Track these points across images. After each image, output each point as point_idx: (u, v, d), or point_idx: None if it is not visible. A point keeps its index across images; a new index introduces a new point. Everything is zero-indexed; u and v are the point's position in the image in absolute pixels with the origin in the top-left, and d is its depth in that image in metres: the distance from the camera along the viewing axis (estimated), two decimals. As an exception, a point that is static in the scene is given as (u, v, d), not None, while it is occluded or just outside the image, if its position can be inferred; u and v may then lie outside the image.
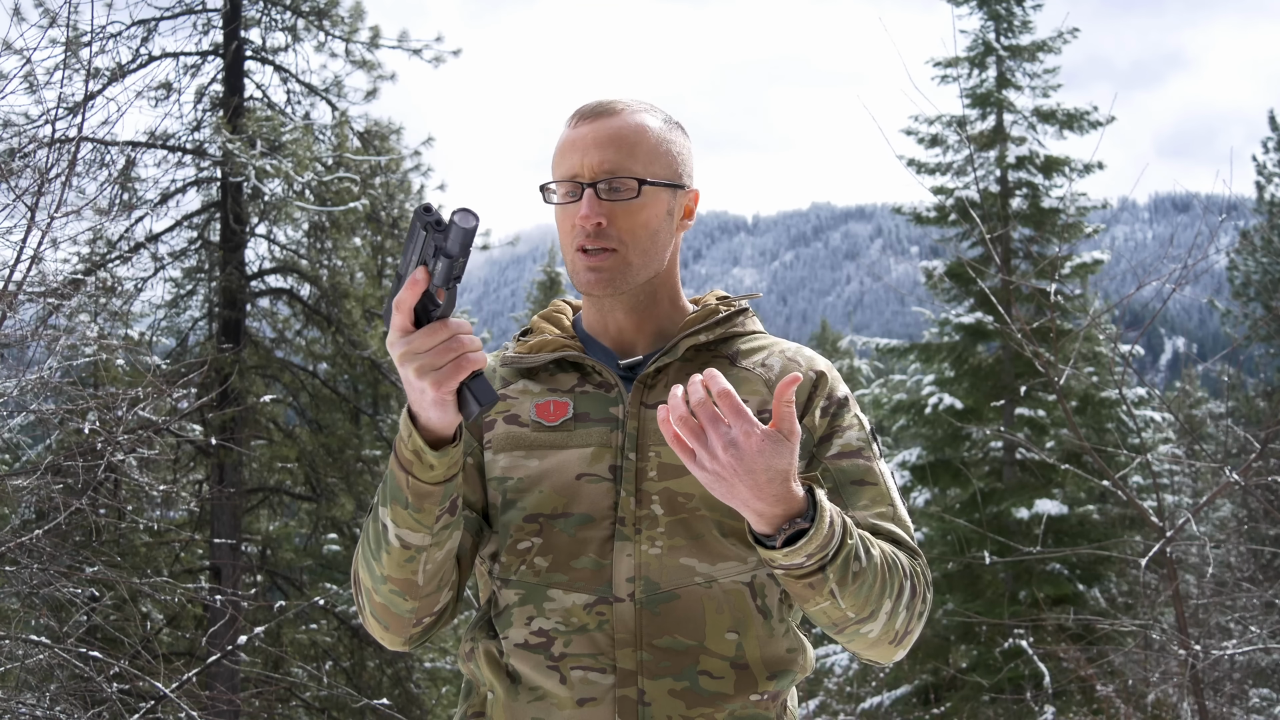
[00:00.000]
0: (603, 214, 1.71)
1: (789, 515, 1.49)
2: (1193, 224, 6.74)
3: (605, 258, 1.73)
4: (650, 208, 1.75)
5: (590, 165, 1.72)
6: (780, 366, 1.79)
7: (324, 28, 11.06)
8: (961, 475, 13.11)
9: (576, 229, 1.73)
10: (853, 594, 1.56)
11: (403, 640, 1.71)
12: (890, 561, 1.62)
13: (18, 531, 5.39)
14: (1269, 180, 17.63)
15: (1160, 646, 7.48)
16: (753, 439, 1.43)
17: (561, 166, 1.76)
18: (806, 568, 1.52)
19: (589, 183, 1.72)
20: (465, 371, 1.47)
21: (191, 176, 10.68)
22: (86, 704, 5.33)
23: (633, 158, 1.74)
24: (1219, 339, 34.88)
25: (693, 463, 1.47)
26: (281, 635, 10.01)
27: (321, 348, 11.33)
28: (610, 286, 1.74)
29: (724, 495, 1.48)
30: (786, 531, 1.50)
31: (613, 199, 1.72)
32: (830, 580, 1.53)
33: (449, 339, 1.46)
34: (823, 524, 1.50)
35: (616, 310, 1.80)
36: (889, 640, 1.65)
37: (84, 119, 5.61)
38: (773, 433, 1.45)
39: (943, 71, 14.21)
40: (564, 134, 1.78)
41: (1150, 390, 12.71)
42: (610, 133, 1.74)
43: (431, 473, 1.55)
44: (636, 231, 1.74)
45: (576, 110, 1.79)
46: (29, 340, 5.60)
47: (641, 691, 1.63)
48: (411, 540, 1.60)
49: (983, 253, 13.57)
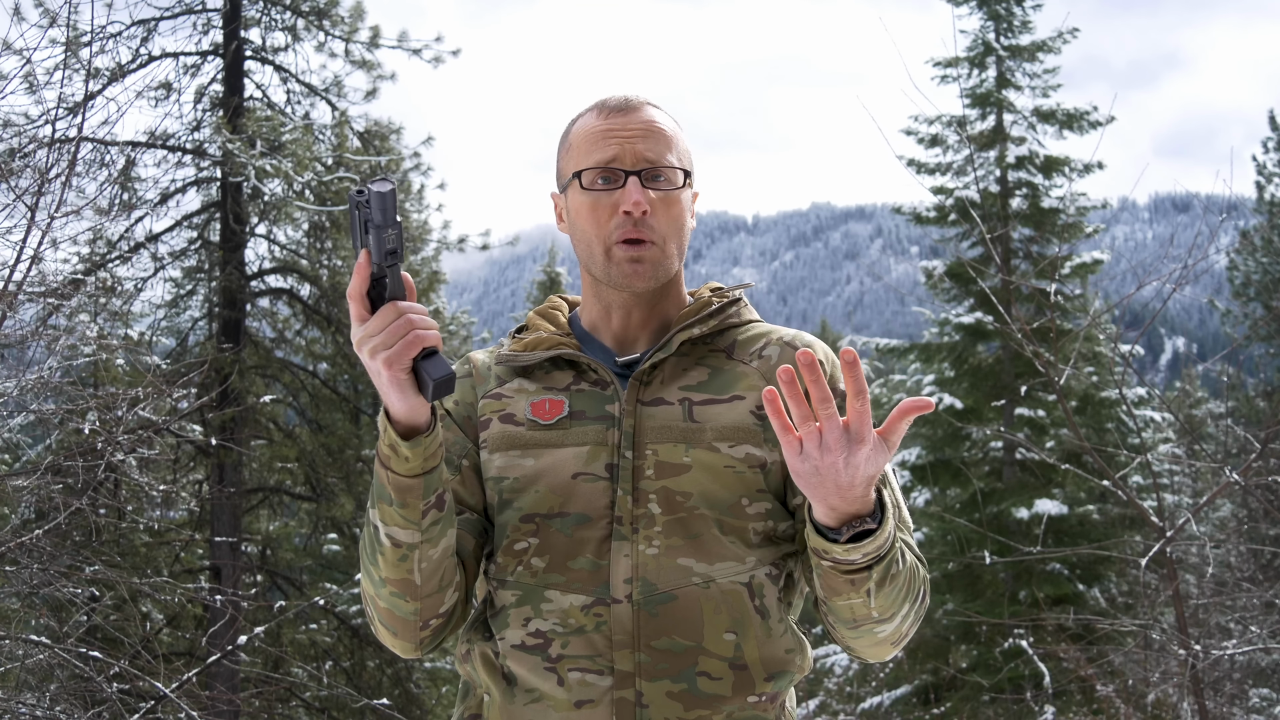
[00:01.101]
0: (649, 202, 1.71)
1: (859, 515, 1.50)
2: (1193, 224, 6.74)
3: (646, 250, 1.72)
4: (683, 200, 1.76)
5: (634, 153, 1.71)
6: (778, 355, 1.78)
7: (324, 28, 11.06)
8: (961, 475, 13.10)
9: (618, 218, 1.71)
10: (885, 595, 1.57)
11: (414, 646, 1.70)
12: (915, 566, 1.64)
13: (18, 531, 5.39)
14: (1269, 180, 17.62)
15: (1160, 646, 7.48)
16: (864, 445, 1.43)
17: (595, 154, 1.73)
18: (858, 565, 1.53)
19: (633, 170, 1.71)
20: (415, 349, 1.47)
21: (191, 176, 10.69)
22: (86, 704, 5.33)
23: (671, 150, 1.75)
24: (1219, 339, 34.88)
25: (796, 454, 1.45)
26: (281, 635, 10.01)
27: (321, 348, 11.34)
28: (651, 279, 1.73)
29: (809, 488, 1.47)
30: (854, 529, 1.50)
31: (657, 188, 1.72)
32: (872, 579, 1.54)
33: (397, 319, 1.46)
34: (886, 527, 1.51)
35: (630, 302, 1.78)
36: (892, 641, 1.67)
37: (84, 119, 5.61)
38: (880, 439, 1.44)
39: (943, 71, 14.21)
40: (590, 124, 1.76)
41: (1150, 390, 12.71)
42: (646, 124, 1.74)
43: (408, 464, 1.55)
44: (674, 223, 1.74)
45: (600, 102, 1.78)
46: (29, 340, 5.60)
47: (639, 693, 1.62)
48: (402, 538, 1.59)
49: (983, 253, 13.57)
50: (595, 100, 1.81)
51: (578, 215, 1.76)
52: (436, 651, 2.21)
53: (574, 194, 1.76)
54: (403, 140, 11.40)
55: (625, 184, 1.71)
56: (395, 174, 11.38)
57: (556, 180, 1.85)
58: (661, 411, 1.71)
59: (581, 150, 1.75)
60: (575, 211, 1.76)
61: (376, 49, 11.19)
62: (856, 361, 1.40)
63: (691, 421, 1.70)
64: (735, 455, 1.68)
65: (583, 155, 1.75)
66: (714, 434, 1.69)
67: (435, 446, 1.57)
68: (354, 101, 11.16)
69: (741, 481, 1.68)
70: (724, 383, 1.75)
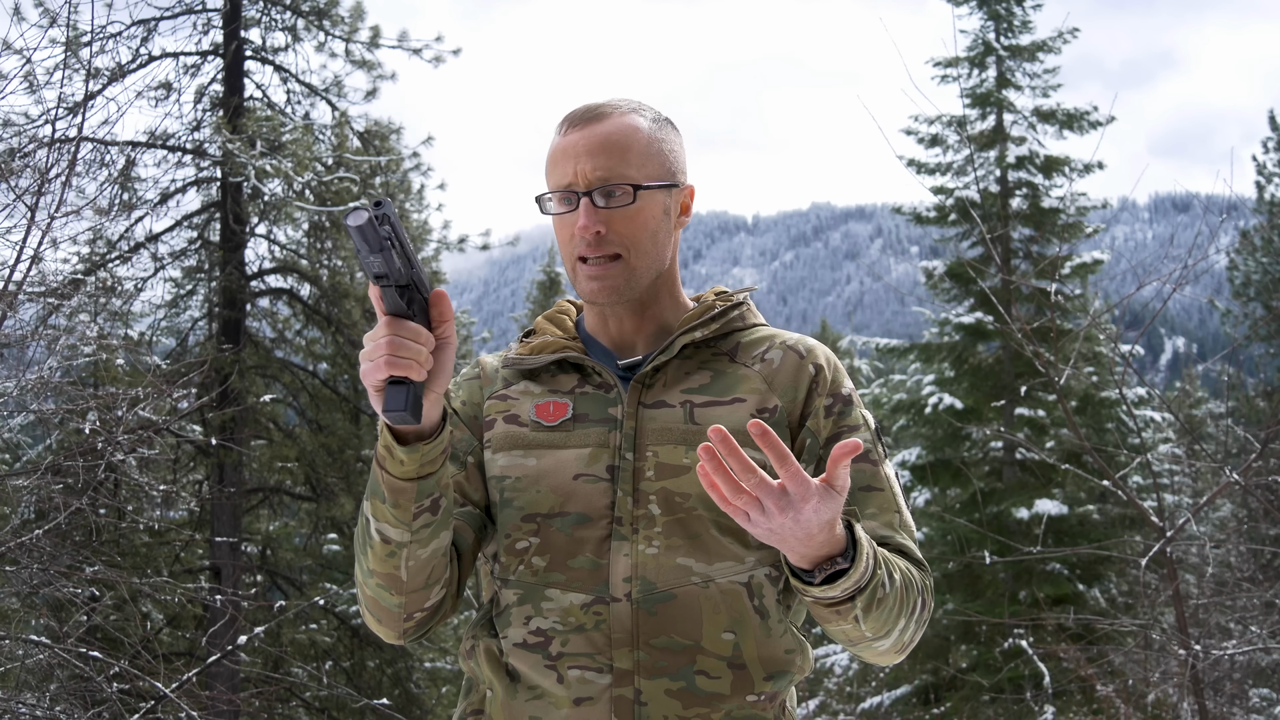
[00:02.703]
0: (601, 222, 1.71)
1: (830, 555, 1.50)
2: (1193, 224, 6.74)
3: (608, 266, 1.72)
4: (647, 210, 1.74)
5: (584, 173, 1.71)
6: (781, 359, 1.78)
7: (324, 28, 11.06)
8: (961, 475, 13.11)
9: (576, 239, 1.73)
10: (874, 618, 1.58)
11: (397, 634, 1.72)
12: (908, 583, 1.64)
13: (18, 531, 5.39)
14: (1269, 180, 17.63)
15: (1160, 646, 7.48)
16: (809, 500, 1.42)
17: (554, 176, 1.75)
18: (838, 599, 1.54)
19: (584, 191, 1.71)
20: (383, 372, 1.47)
21: (191, 176, 10.68)
22: (86, 704, 5.33)
23: (625, 162, 1.72)
24: (1219, 339, 34.90)
25: (747, 523, 1.45)
26: (281, 635, 10.01)
27: (321, 348, 11.34)
28: (615, 294, 1.74)
29: (774, 544, 1.48)
30: (826, 571, 1.51)
31: (609, 206, 1.71)
32: (857, 608, 1.55)
33: (384, 338, 1.47)
34: (860, 563, 1.51)
35: (618, 310, 1.80)
36: (895, 650, 1.68)
37: (84, 119, 5.61)
38: (824, 488, 1.43)
39: (943, 71, 14.21)
40: (554, 142, 1.77)
41: (1150, 390, 12.70)
42: (601, 138, 1.73)
43: (402, 468, 1.56)
44: (637, 235, 1.73)
45: (566, 116, 1.78)
46: (29, 340, 5.60)
47: (638, 691, 1.63)
48: (391, 535, 1.60)
49: (983, 253, 13.58)
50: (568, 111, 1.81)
51: (555, 234, 1.79)
52: (431, 645, 2.21)
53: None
54: (403, 140, 11.40)
55: (579, 206, 1.72)
56: (395, 174, 11.37)
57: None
58: (663, 414, 1.72)
59: (546, 171, 1.78)
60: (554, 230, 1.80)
61: (376, 49, 11.19)
62: (767, 431, 1.38)
63: (692, 424, 1.71)
64: None
65: (547, 176, 1.78)
66: None
67: (436, 454, 1.58)
68: (354, 101, 11.17)
69: None
70: (726, 385, 1.76)
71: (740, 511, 1.44)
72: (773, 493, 1.41)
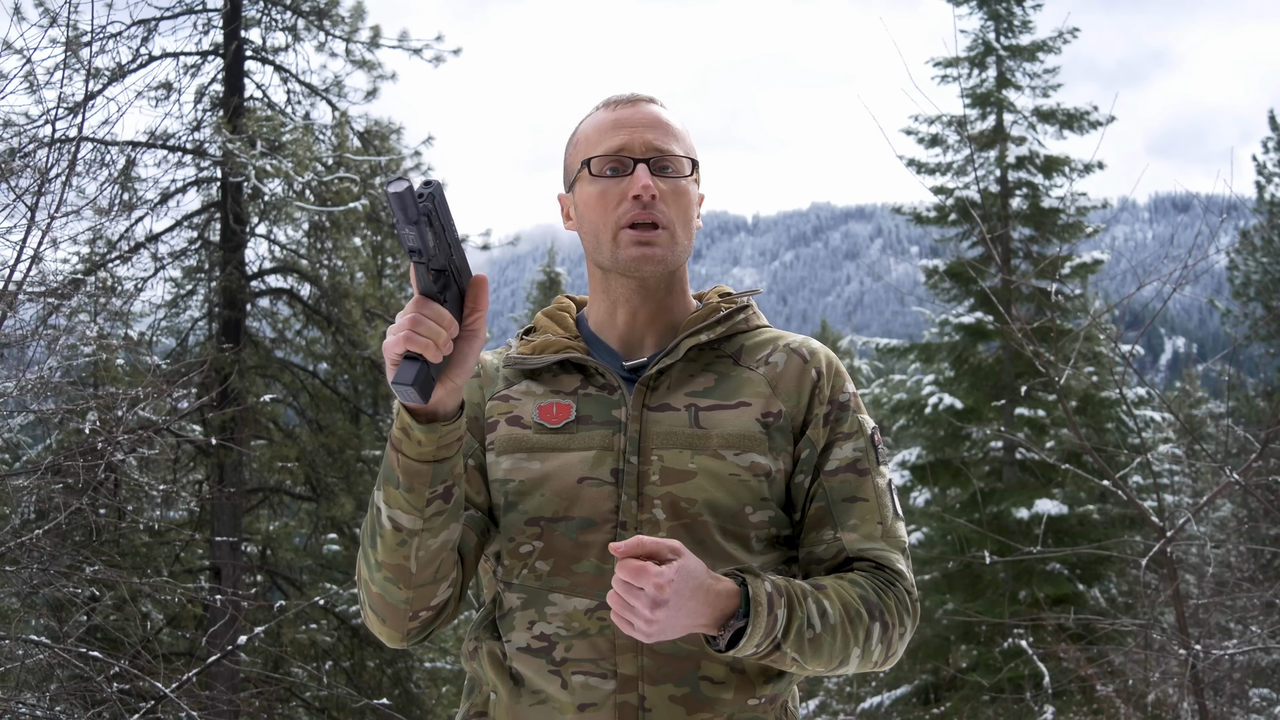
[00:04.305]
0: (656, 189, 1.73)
1: (726, 616, 1.53)
2: (1193, 224, 6.74)
3: (655, 234, 1.73)
4: (691, 191, 1.77)
5: (642, 141, 1.74)
6: (785, 362, 1.78)
7: (324, 28, 11.06)
8: (961, 475, 13.10)
9: (626, 203, 1.72)
10: (813, 656, 1.59)
11: (401, 635, 1.69)
12: (853, 613, 1.63)
13: (18, 531, 5.39)
14: (1269, 180, 17.63)
15: (1160, 646, 7.47)
16: (666, 587, 1.46)
17: (604, 143, 1.76)
18: (761, 652, 1.56)
19: (642, 157, 1.73)
20: (401, 347, 1.48)
21: (191, 176, 10.68)
22: (86, 704, 5.33)
23: (678, 142, 1.77)
24: (1219, 339, 34.90)
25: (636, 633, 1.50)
26: (281, 635, 10.00)
27: (321, 348, 11.33)
28: (660, 264, 1.74)
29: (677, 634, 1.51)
30: (725, 635, 1.54)
31: (665, 175, 1.74)
32: (789, 653, 1.57)
33: (411, 314, 1.48)
34: (760, 618, 1.53)
35: (636, 297, 1.78)
36: (870, 666, 1.69)
37: (84, 119, 5.62)
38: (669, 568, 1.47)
39: (943, 71, 14.21)
40: (598, 118, 1.79)
41: (1150, 390, 12.70)
42: (653, 116, 1.77)
43: (420, 449, 1.55)
44: (683, 212, 1.75)
45: (609, 98, 1.81)
46: (29, 340, 5.60)
47: (642, 697, 1.63)
48: (403, 522, 1.59)
49: (983, 253, 13.58)
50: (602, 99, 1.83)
51: (586, 205, 1.77)
52: (432, 645, 2.22)
53: (583, 184, 1.77)
54: (403, 140, 11.39)
55: (634, 170, 1.73)
56: (395, 174, 11.38)
57: (564, 179, 1.86)
58: (667, 417, 1.71)
59: (590, 140, 1.78)
60: (584, 202, 1.77)
61: (376, 49, 11.18)
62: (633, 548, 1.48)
63: (697, 428, 1.70)
64: (740, 464, 1.68)
65: (591, 145, 1.77)
66: (719, 441, 1.69)
67: (454, 438, 1.57)
68: (354, 101, 11.16)
69: (746, 489, 1.68)
70: (730, 389, 1.74)
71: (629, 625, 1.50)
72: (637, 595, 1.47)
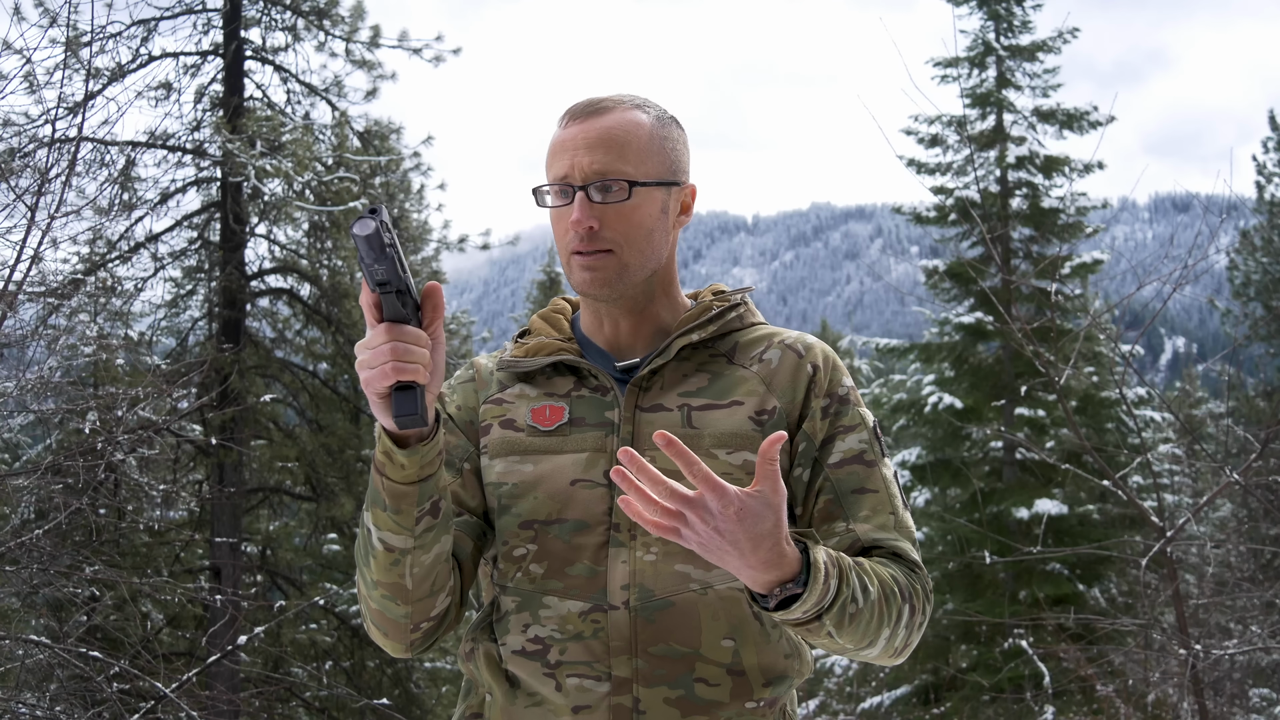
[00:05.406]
0: (595, 217, 1.69)
1: (782, 580, 1.45)
2: (1193, 224, 6.74)
3: (601, 259, 1.70)
4: (644, 207, 1.72)
5: (581, 167, 1.69)
6: (779, 359, 1.76)
7: (324, 28, 11.06)
8: (961, 475, 13.11)
9: (570, 232, 1.70)
10: (849, 632, 1.54)
11: (404, 647, 1.69)
12: (889, 592, 1.59)
13: (18, 531, 5.39)
14: (1269, 180, 17.63)
15: (1160, 646, 7.47)
16: (730, 510, 1.36)
17: (553, 169, 1.73)
18: (800, 621, 1.50)
19: (580, 185, 1.69)
20: (389, 380, 1.46)
21: (191, 176, 10.68)
22: (86, 704, 5.33)
23: (623, 158, 1.70)
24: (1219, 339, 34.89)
25: (677, 538, 1.40)
26: (281, 635, 10.01)
27: (321, 348, 11.33)
28: (607, 288, 1.71)
29: (715, 561, 1.43)
30: (779, 597, 1.46)
31: (605, 201, 1.69)
32: (827, 625, 1.51)
33: (384, 344, 1.46)
34: (816, 585, 1.46)
35: (614, 310, 1.77)
36: (889, 655, 1.65)
37: (84, 119, 5.62)
38: (753, 496, 1.38)
39: (943, 71, 14.22)
40: (555, 135, 1.76)
41: (1150, 390, 12.69)
42: (600, 133, 1.70)
43: (403, 472, 1.54)
44: (631, 232, 1.70)
45: (567, 109, 1.76)
46: (29, 340, 5.60)
47: (636, 699, 1.62)
48: (394, 543, 1.59)
49: (983, 253, 13.58)
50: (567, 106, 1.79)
51: (551, 227, 1.77)
52: (435, 651, 2.21)
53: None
54: (403, 140, 11.40)
55: (574, 199, 1.70)
56: (395, 174, 11.38)
57: None
58: (660, 418, 1.70)
59: (546, 164, 1.76)
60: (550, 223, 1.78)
61: (376, 49, 11.19)
62: (672, 441, 1.36)
63: (690, 428, 1.69)
64: (733, 462, 1.67)
65: (546, 169, 1.76)
66: (712, 440, 1.68)
67: (433, 454, 1.56)
68: (354, 101, 11.16)
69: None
70: (723, 388, 1.73)
71: (667, 528, 1.39)
72: (688, 502, 1.37)
